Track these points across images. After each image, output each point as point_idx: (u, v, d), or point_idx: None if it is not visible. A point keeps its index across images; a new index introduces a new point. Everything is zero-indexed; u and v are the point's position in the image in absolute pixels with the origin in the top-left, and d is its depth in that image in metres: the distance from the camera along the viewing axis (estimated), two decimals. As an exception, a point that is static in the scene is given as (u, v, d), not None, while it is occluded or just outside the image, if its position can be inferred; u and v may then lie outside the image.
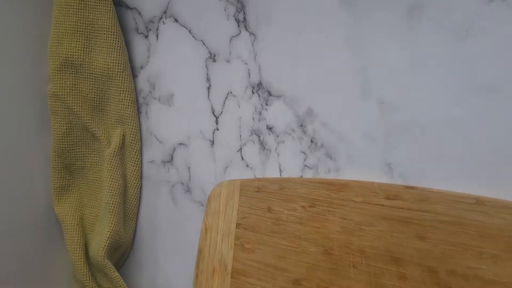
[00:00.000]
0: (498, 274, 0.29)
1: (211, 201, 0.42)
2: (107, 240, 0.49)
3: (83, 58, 0.49)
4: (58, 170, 0.53)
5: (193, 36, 0.47)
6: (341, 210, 0.34)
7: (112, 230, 0.49)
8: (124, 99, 0.50)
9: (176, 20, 0.49)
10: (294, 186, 0.37)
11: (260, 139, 0.43)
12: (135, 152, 0.52)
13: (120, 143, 0.51)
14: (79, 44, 0.49)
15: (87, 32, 0.49)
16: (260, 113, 0.43)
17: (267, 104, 0.42)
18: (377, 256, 0.33)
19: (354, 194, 0.33)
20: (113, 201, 0.49)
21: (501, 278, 0.29)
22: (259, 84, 0.43)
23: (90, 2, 0.48)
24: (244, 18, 0.43)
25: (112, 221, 0.49)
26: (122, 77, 0.50)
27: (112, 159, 0.50)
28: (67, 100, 0.50)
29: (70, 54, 0.49)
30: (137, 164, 0.52)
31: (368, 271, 0.34)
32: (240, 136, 0.44)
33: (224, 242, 0.42)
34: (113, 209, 0.49)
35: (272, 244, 0.39)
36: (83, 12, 0.48)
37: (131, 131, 0.51)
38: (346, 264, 0.35)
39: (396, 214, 0.32)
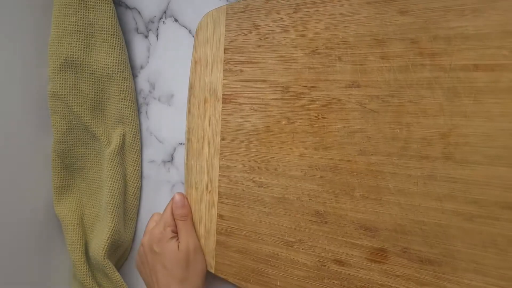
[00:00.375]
0: (479, 27, 0.29)
1: (199, 32, 0.43)
2: (107, 240, 0.48)
3: (83, 58, 0.49)
4: (58, 170, 0.53)
5: (193, 36, 0.47)
6: (325, 7, 0.35)
7: (112, 230, 0.49)
8: (124, 99, 0.50)
9: (176, 20, 0.48)
10: (279, -4, 0.38)
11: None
12: (135, 152, 0.51)
13: (120, 143, 0.50)
14: (79, 44, 0.49)
15: (87, 32, 0.49)
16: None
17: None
18: (361, 43, 0.34)
19: (338, -13, 0.35)
20: (113, 201, 0.49)
21: (482, 29, 0.29)
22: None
23: (90, 2, 0.48)
24: (244, 18, 0.41)
25: (112, 221, 0.49)
26: (122, 77, 0.49)
27: (112, 159, 0.50)
28: (67, 100, 0.50)
29: (70, 54, 0.49)
30: (137, 164, 0.52)
31: (353, 60, 0.34)
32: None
33: (214, 70, 0.42)
34: (113, 209, 0.49)
35: (260, 60, 0.39)
36: (83, 12, 0.48)
37: (131, 131, 0.51)
38: (332, 59, 0.35)
39: (378, -5, 0.33)
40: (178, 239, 0.43)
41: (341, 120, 0.35)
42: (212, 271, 0.44)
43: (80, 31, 0.49)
